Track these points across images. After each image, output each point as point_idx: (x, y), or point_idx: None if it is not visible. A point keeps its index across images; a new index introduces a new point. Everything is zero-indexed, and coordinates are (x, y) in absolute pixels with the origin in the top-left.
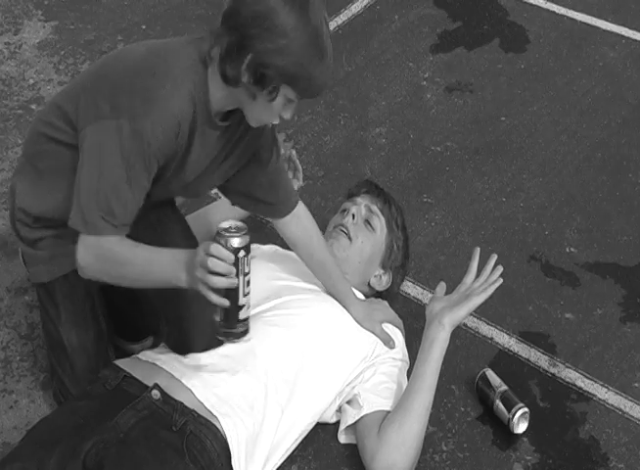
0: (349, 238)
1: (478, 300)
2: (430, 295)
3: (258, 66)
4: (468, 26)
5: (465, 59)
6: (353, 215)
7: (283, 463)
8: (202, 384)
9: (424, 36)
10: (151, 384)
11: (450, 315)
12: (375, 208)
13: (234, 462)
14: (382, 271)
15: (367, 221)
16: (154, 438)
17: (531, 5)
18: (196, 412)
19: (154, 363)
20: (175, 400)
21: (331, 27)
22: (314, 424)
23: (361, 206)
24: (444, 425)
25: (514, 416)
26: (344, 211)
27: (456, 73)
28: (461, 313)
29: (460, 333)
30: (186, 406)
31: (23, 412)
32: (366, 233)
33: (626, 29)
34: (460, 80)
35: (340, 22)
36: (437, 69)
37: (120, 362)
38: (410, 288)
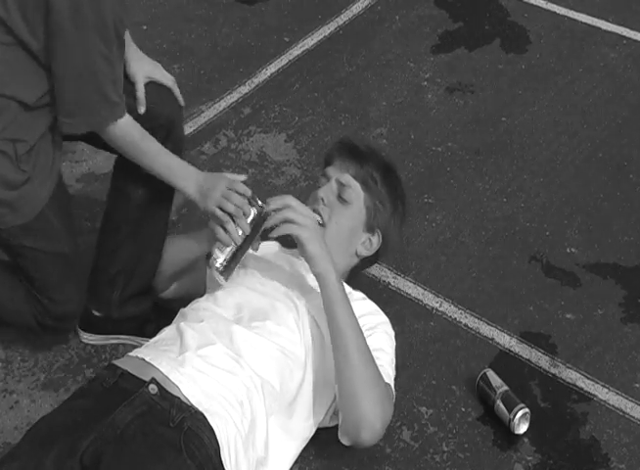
0: (322, 224)
1: (292, 228)
2: (430, 295)
3: None
4: (469, 27)
5: (466, 59)
6: (323, 199)
7: None
8: (187, 380)
9: (425, 37)
10: (148, 379)
11: (313, 267)
12: (346, 177)
13: (224, 457)
14: (369, 235)
15: (340, 196)
16: (151, 434)
17: (532, 5)
18: (193, 408)
19: (143, 359)
20: (172, 395)
21: (332, 28)
22: (314, 428)
23: (331, 182)
24: (445, 425)
25: (515, 417)
26: (318, 191)
27: (457, 74)
28: (308, 250)
29: (461, 333)
30: (183, 402)
31: (24, 412)
32: (340, 210)
33: (627, 30)
34: (461, 81)
35: (340, 22)
36: (438, 69)
37: (117, 362)
38: (411, 288)
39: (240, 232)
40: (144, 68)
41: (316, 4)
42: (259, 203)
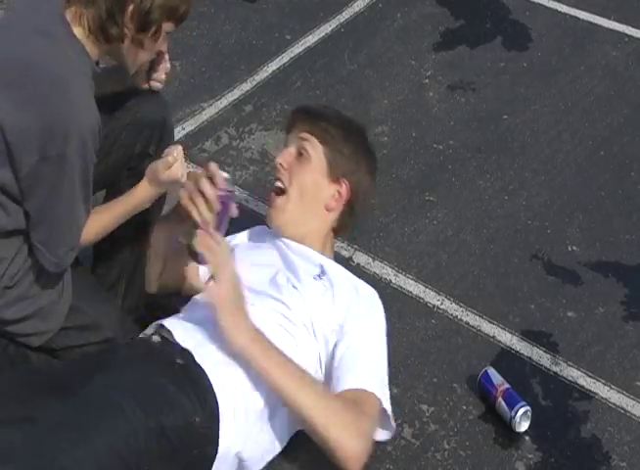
0: (284, 191)
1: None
2: (431, 293)
3: (141, 13)
4: (470, 25)
5: (467, 57)
6: (282, 164)
7: (284, 462)
8: (192, 340)
9: (426, 34)
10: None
11: (227, 328)
12: (302, 134)
13: (222, 409)
14: (336, 187)
15: (299, 153)
16: (151, 362)
17: (534, 3)
18: (195, 360)
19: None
20: (176, 342)
21: (333, 26)
22: None
23: (290, 146)
24: (446, 423)
25: (516, 414)
26: (276, 158)
27: (458, 72)
28: (225, 326)
29: (462, 331)
30: (184, 349)
31: None
32: (300, 169)
33: (629, 28)
34: (462, 79)
35: (342, 20)
36: (440, 67)
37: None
38: (412, 286)
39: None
40: None
41: (318, 2)
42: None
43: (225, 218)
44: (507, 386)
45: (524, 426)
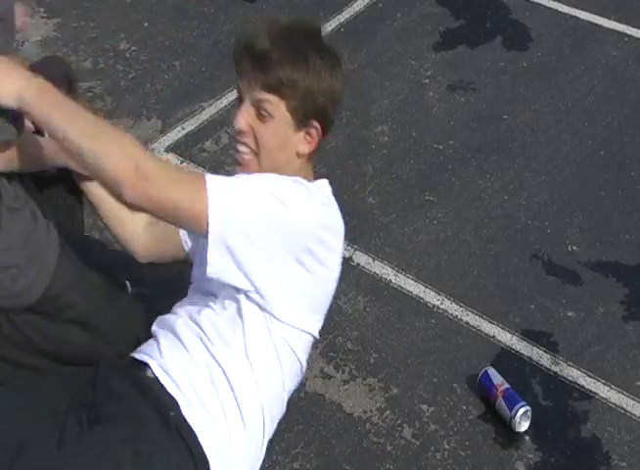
0: (256, 152)
1: None
2: (431, 293)
3: None
4: (470, 25)
5: (467, 57)
6: (242, 131)
7: (284, 461)
8: (153, 357)
9: (426, 34)
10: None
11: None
12: (257, 94)
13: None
14: (304, 131)
15: (259, 113)
16: (144, 404)
17: (534, 3)
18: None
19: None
20: (165, 389)
21: (333, 25)
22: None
23: (245, 106)
24: (446, 423)
25: (516, 414)
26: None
27: (458, 71)
28: None
29: (462, 331)
30: (172, 397)
31: None
32: (264, 130)
33: (629, 28)
34: (462, 78)
35: (342, 19)
36: (440, 67)
37: None
38: (412, 286)
39: None
40: None
41: (318, 2)
42: None
43: None
44: (507, 386)
45: (524, 426)
